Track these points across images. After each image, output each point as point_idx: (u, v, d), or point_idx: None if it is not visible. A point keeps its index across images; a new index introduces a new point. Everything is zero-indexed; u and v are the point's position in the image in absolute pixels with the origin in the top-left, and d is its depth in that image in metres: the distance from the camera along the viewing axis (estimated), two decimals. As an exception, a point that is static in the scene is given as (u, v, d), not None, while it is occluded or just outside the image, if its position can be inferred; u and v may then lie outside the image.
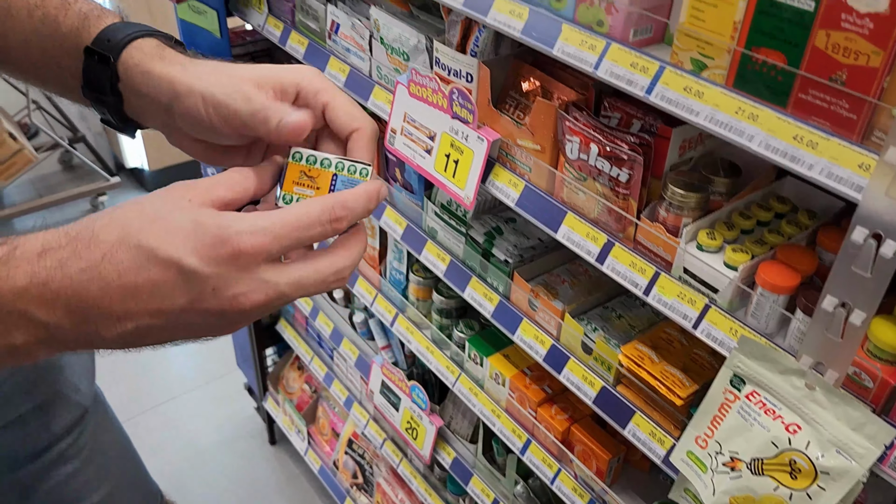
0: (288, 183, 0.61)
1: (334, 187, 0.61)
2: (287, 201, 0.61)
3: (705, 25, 0.87)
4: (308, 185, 0.61)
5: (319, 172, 0.61)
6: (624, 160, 1.03)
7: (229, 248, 0.52)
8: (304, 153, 0.62)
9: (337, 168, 0.61)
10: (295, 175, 0.61)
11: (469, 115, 1.24)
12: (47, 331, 0.52)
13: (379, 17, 1.41)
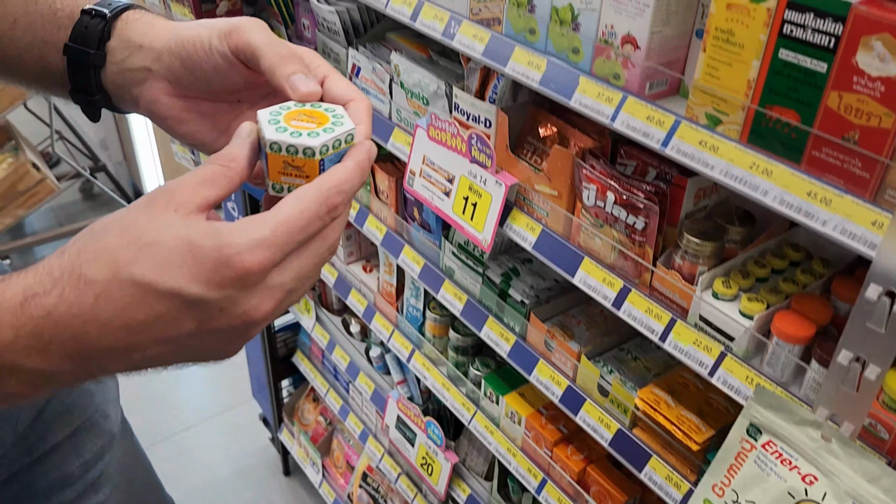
0: (273, 172, 0.57)
1: (323, 169, 0.56)
2: (278, 190, 0.57)
3: (720, 83, 0.90)
4: (296, 174, 0.56)
5: (305, 162, 0.56)
6: (640, 208, 1.05)
7: (234, 270, 0.49)
8: (282, 143, 0.56)
9: (321, 153, 0.56)
10: (279, 165, 0.56)
11: (487, 159, 1.26)
12: (45, 377, 0.50)
13: (399, 63, 1.45)
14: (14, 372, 0.49)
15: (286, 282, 0.53)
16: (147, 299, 0.48)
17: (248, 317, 0.51)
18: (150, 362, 0.53)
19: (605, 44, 1.02)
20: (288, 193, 0.55)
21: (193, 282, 0.48)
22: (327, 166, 0.56)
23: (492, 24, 1.20)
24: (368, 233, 1.71)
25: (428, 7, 1.30)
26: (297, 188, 0.54)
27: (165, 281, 0.48)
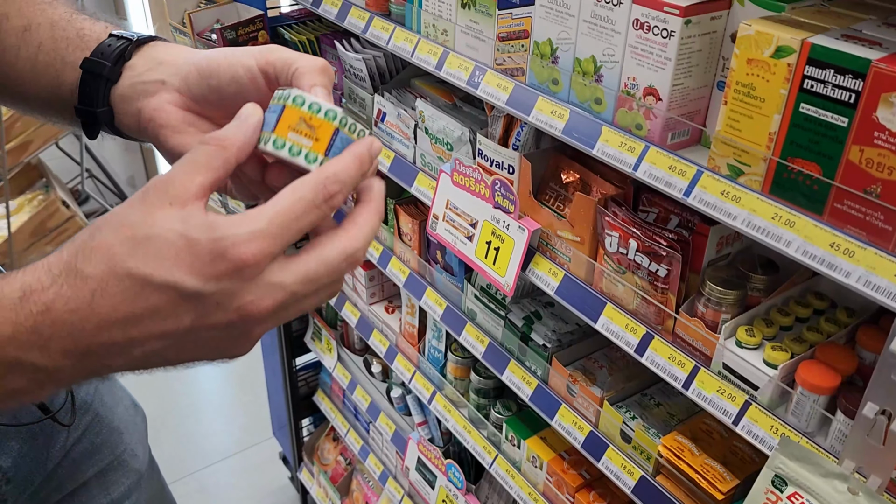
0: (283, 126, 0.54)
1: (332, 145, 0.54)
2: (279, 146, 0.54)
3: (741, 134, 0.91)
4: (307, 134, 0.54)
5: (322, 123, 0.54)
6: (662, 256, 1.06)
7: (229, 262, 0.48)
8: (307, 98, 0.54)
9: (341, 123, 0.54)
10: (293, 119, 0.54)
11: (510, 205, 1.28)
12: (47, 373, 0.50)
13: (424, 110, 1.48)
14: (16, 367, 0.49)
15: (287, 282, 0.51)
16: (143, 292, 0.48)
17: (245, 312, 0.50)
18: (152, 359, 0.52)
19: (627, 95, 1.05)
20: (287, 154, 0.53)
21: (189, 274, 0.48)
22: (335, 150, 0.54)
23: (515, 74, 1.23)
24: (391, 274, 1.72)
25: (453, 57, 1.33)
26: (301, 148, 0.53)
27: (161, 273, 0.48)
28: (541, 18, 1.14)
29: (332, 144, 0.54)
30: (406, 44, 1.43)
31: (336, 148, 0.54)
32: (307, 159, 0.54)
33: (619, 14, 1.02)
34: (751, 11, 0.94)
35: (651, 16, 0.98)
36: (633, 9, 1.00)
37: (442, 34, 1.36)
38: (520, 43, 1.20)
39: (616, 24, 1.03)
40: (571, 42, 1.11)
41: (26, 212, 3.60)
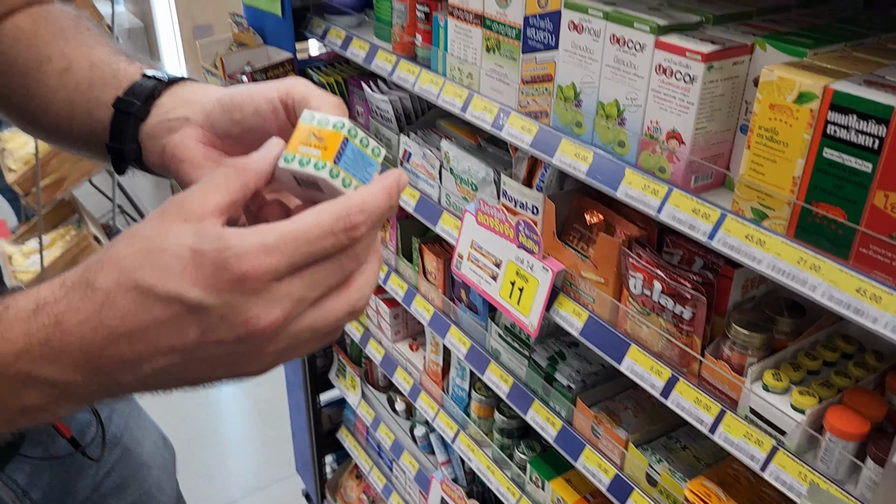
0: (294, 143, 0.55)
1: (342, 154, 0.54)
2: (289, 160, 0.54)
3: (765, 178, 0.91)
4: (315, 145, 0.54)
5: (329, 134, 0.55)
6: (687, 298, 1.06)
7: (232, 273, 0.48)
8: (316, 115, 0.56)
9: (350, 133, 0.55)
10: (303, 136, 0.55)
11: (534, 245, 1.29)
12: (59, 388, 0.50)
13: (449, 150, 1.50)
14: (29, 382, 0.49)
15: (295, 295, 0.50)
16: (148, 303, 0.48)
17: (251, 326, 0.49)
18: (162, 377, 0.51)
19: (650, 138, 1.05)
20: (297, 167, 0.54)
21: (193, 285, 0.48)
22: (345, 159, 0.54)
23: (539, 117, 1.24)
24: (416, 312, 1.73)
25: (478, 99, 1.35)
26: (309, 158, 0.54)
27: (164, 284, 0.48)
28: (564, 63, 1.16)
29: (342, 153, 0.54)
30: (432, 86, 1.46)
31: (347, 158, 0.54)
32: (315, 168, 0.54)
33: (641, 59, 1.03)
34: (773, 57, 0.95)
35: (673, 61, 0.99)
36: (655, 54, 1.01)
37: (467, 77, 1.39)
38: (543, 86, 1.22)
39: (639, 69, 1.04)
40: (595, 86, 1.12)
41: (59, 247, 3.67)
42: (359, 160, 0.55)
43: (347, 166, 0.54)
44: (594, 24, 1.09)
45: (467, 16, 1.34)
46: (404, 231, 1.79)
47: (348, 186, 0.54)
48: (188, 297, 0.48)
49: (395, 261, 1.82)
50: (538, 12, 1.18)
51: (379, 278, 0.56)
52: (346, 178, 0.54)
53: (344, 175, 0.54)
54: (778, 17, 1.09)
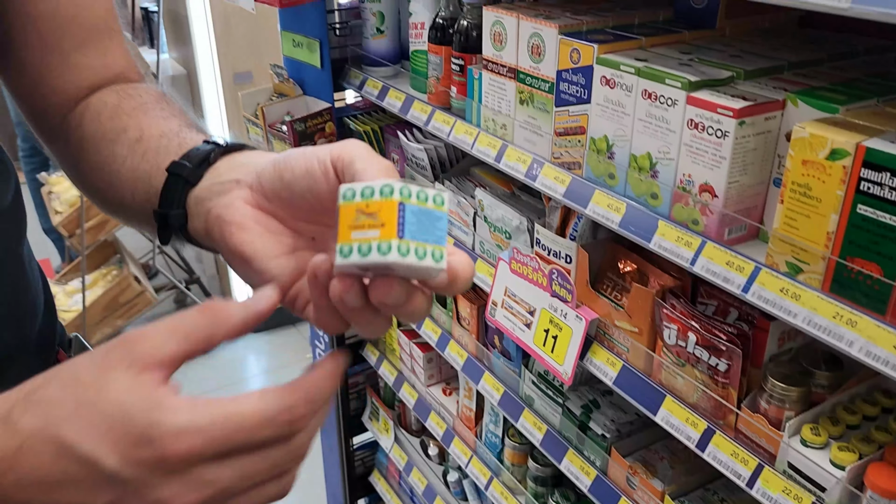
0: (344, 230, 0.48)
1: (403, 223, 0.47)
2: (346, 254, 0.47)
3: (799, 233, 0.92)
4: (369, 224, 0.47)
5: (381, 205, 0.47)
6: (722, 351, 1.06)
7: (153, 451, 0.45)
8: (357, 188, 0.48)
9: (402, 195, 0.47)
10: (350, 217, 0.48)
11: (568, 294, 1.30)
12: None
13: (483, 199, 1.52)
14: None
15: (223, 480, 0.47)
16: (64, 460, 0.46)
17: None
18: None
19: (683, 191, 1.07)
20: (359, 258, 0.47)
21: (111, 452, 0.46)
22: (409, 227, 0.47)
23: (572, 168, 1.26)
24: (449, 357, 1.74)
25: (511, 150, 1.38)
26: (370, 242, 0.47)
27: (85, 445, 0.46)
28: (597, 116, 1.18)
29: (403, 222, 0.47)
30: (466, 136, 1.49)
31: (410, 224, 0.47)
32: (380, 252, 0.46)
33: (673, 114, 1.05)
34: (805, 112, 0.97)
35: (705, 116, 1.01)
36: (687, 110, 1.03)
37: (501, 128, 1.41)
38: (576, 138, 1.24)
39: (671, 124, 1.06)
40: (627, 139, 1.14)
41: (101, 286, 3.76)
42: (424, 221, 0.48)
43: (414, 234, 0.47)
44: (626, 79, 1.11)
45: (501, 69, 1.37)
46: (438, 276, 1.81)
47: (423, 257, 0.47)
48: (105, 465, 0.46)
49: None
50: (571, 67, 1.21)
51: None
52: (419, 249, 0.47)
53: (415, 246, 0.47)
54: (809, 72, 1.10)
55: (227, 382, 3.48)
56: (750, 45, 1.22)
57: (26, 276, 0.79)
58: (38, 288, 0.82)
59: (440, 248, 0.48)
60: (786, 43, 1.22)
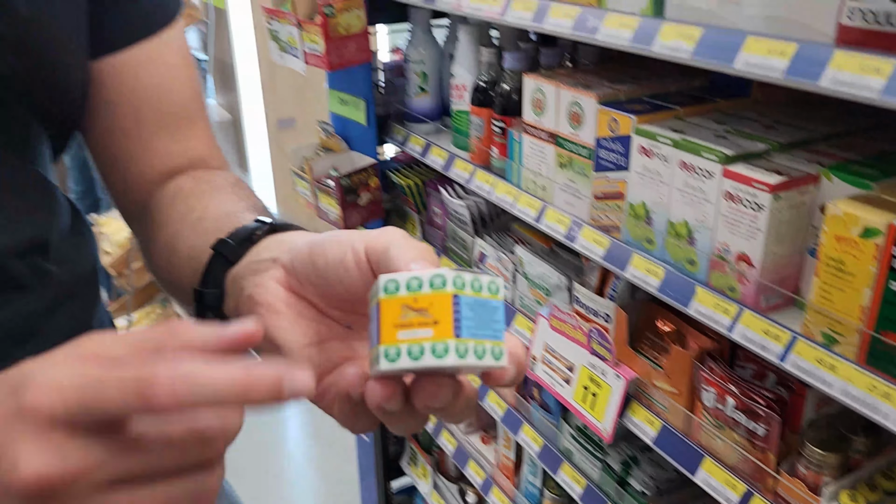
0: (387, 329, 0.42)
1: (459, 319, 0.41)
2: (393, 358, 0.42)
3: (834, 305, 0.95)
4: (420, 322, 0.42)
5: (432, 299, 0.42)
6: (760, 415, 1.09)
7: (14, 393, 0.41)
8: (402, 279, 0.42)
9: (456, 286, 0.42)
10: (394, 315, 0.42)
11: (607, 353, 1.34)
12: None
13: (523, 256, 1.57)
14: None
15: (91, 459, 0.40)
16: None
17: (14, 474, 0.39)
18: None
19: (720, 259, 1.10)
20: (410, 362, 0.41)
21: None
22: (466, 323, 0.41)
23: (611, 231, 1.31)
24: (489, 407, 1.78)
25: (551, 211, 1.43)
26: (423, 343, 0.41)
27: None
28: (635, 183, 1.23)
29: (460, 318, 0.41)
30: (507, 196, 1.54)
31: (468, 320, 0.42)
32: (436, 355, 0.41)
33: (710, 185, 1.09)
34: (838, 187, 1.00)
35: (741, 189, 1.05)
36: (723, 182, 1.07)
37: (541, 189, 1.47)
38: (615, 203, 1.29)
39: (708, 195, 1.10)
40: (665, 206, 1.18)
41: (145, 324, 3.88)
42: (481, 313, 0.43)
43: (472, 331, 0.42)
44: (663, 150, 1.16)
45: (541, 134, 1.43)
46: (478, 327, 1.85)
47: (483, 356, 0.42)
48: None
49: (469, 356, 1.88)
50: (609, 135, 1.26)
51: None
52: (478, 347, 0.42)
53: (474, 345, 0.42)
54: (843, 143, 1.14)
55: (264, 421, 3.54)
56: (784, 114, 1.26)
57: None
58: None
59: (500, 344, 0.43)
60: (819, 112, 1.26)
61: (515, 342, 0.48)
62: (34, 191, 0.72)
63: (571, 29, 1.24)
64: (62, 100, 0.71)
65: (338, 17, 1.74)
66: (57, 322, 0.74)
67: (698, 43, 1.02)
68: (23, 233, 0.70)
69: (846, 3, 0.84)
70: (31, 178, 0.71)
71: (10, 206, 0.68)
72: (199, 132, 0.82)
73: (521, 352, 0.47)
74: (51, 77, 0.68)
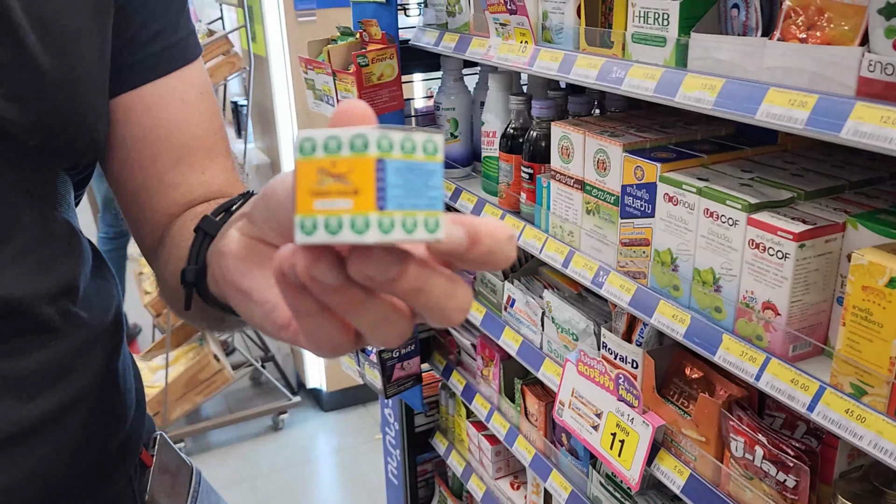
0: (303, 196, 0.36)
1: (384, 187, 0.35)
2: (309, 230, 0.35)
3: (862, 356, 0.94)
4: (338, 191, 0.35)
5: (352, 163, 0.35)
6: (790, 467, 1.07)
7: None
8: (319, 137, 0.35)
9: (381, 148, 0.35)
10: (311, 180, 0.35)
11: (634, 399, 1.33)
12: None
13: (551, 301, 1.58)
14: None
15: None
16: None
17: None
18: None
19: (746, 307, 1.10)
20: (326, 236, 0.35)
21: None
22: (392, 193, 0.35)
23: (637, 277, 1.31)
24: (517, 453, 1.77)
25: (578, 256, 1.44)
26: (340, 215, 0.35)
27: None
28: (661, 230, 1.23)
29: (385, 186, 0.35)
30: (535, 241, 1.56)
31: (395, 189, 0.35)
32: (355, 230, 0.35)
33: (735, 233, 1.10)
34: (864, 236, 1.00)
35: (766, 238, 1.05)
36: (748, 230, 1.07)
37: (568, 235, 1.48)
38: (641, 249, 1.29)
39: (733, 243, 1.10)
40: (690, 253, 1.19)
41: (182, 363, 3.93)
42: (411, 178, 0.36)
43: (399, 201, 0.36)
44: (688, 197, 1.17)
45: (568, 180, 1.44)
46: (507, 371, 1.85)
47: (413, 230, 0.36)
48: None
49: (498, 399, 1.88)
50: (635, 182, 1.28)
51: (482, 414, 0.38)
52: (407, 220, 0.36)
53: (402, 217, 0.36)
54: (870, 191, 1.13)
55: (295, 461, 3.55)
56: (811, 161, 1.26)
57: (118, 388, 0.83)
58: (129, 395, 0.85)
59: (435, 215, 0.37)
60: (847, 158, 1.26)
61: (491, 219, 0.40)
62: (62, 238, 0.75)
63: (596, 79, 1.26)
64: (87, 147, 0.74)
65: (371, 67, 1.80)
66: (85, 363, 0.77)
67: (720, 93, 1.03)
68: (53, 279, 0.73)
69: (866, 56, 0.85)
70: (59, 225, 0.74)
71: (40, 254, 0.72)
72: (218, 165, 0.82)
73: (482, 222, 0.39)
74: (77, 127, 0.71)
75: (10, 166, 0.68)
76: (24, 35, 0.65)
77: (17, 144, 0.67)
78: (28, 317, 0.71)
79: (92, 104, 0.72)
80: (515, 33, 1.48)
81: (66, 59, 0.69)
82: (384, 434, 2.43)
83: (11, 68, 0.65)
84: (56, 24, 0.68)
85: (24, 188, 0.70)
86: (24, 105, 0.66)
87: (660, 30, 1.16)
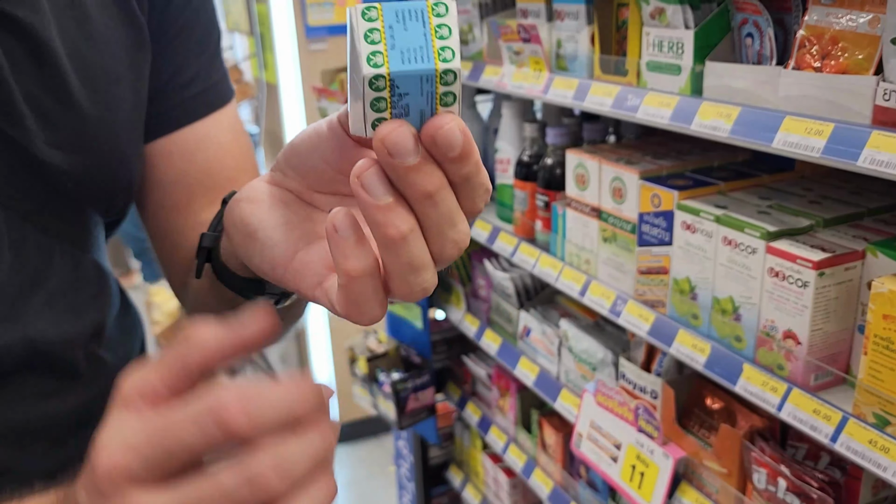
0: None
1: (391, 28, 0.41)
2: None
3: (884, 385, 0.92)
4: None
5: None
6: (813, 499, 1.05)
7: (90, 470, 0.41)
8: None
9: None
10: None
11: (654, 430, 1.31)
12: None
13: (568, 330, 1.57)
14: None
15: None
16: None
17: None
18: None
19: (766, 336, 1.09)
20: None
21: (80, 486, 0.43)
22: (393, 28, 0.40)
23: (656, 306, 1.30)
24: (535, 486, 1.75)
25: (595, 285, 1.43)
26: None
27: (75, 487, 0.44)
28: (679, 258, 1.23)
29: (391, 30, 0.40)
30: (551, 269, 1.55)
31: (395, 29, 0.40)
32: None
33: (754, 261, 1.09)
34: (884, 263, 0.99)
35: (785, 266, 1.04)
36: (767, 258, 1.06)
37: (585, 263, 1.47)
38: (659, 278, 1.29)
39: (752, 271, 1.09)
40: (709, 282, 1.18)
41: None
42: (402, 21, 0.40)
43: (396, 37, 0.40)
44: (706, 225, 1.16)
45: (584, 208, 1.44)
46: (524, 401, 1.84)
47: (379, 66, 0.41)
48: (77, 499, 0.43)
49: (514, 431, 1.86)
50: (652, 211, 1.27)
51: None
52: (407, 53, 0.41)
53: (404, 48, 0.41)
54: (889, 217, 1.12)
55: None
56: (829, 187, 1.25)
57: None
58: None
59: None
60: (864, 185, 1.25)
61: None
62: (92, 280, 0.75)
63: (612, 107, 1.27)
64: (123, 190, 0.75)
65: (386, 98, 1.81)
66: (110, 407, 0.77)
67: (736, 121, 1.03)
68: (84, 323, 0.73)
69: (881, 85, 0.85)
70: (89, 267, 0.75)
71: (73, 298, 0.72)
72: None
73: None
74: (115, 171, 0.72)
75: (46, 209, 0.69)
76: (69, 80, 0.66)
77: (56, 188, 0.68)
78: (57, 361, 0.71)
79: (130, 148, 0.73)
80: (529, 61, 1.49)
81: (106, 104, 0.69)
82: (398, 466, 2.41)
83: (57, 114, 0.66)
84: (98, 69, 0.69)
85: (56, 231, 0.70)
86: (67, 150, 0.67)
87: (675, 58, 1.17)
